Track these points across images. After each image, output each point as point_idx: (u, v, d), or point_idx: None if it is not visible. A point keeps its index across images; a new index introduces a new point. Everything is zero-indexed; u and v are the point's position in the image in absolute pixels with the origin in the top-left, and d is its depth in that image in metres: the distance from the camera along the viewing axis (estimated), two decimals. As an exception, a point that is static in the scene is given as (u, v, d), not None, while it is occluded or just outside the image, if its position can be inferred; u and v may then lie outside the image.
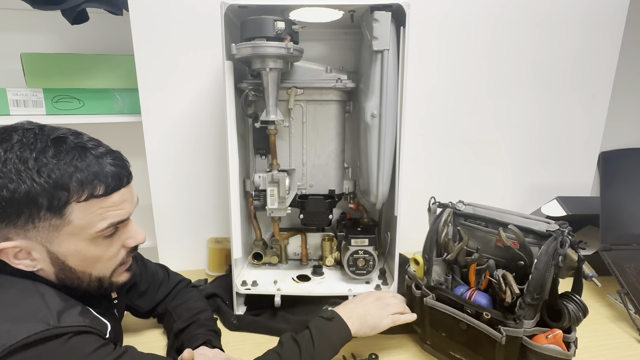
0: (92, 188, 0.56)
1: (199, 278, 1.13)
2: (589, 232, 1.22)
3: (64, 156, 0.54)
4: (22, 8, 1.09)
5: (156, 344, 0.87)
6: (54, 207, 0.54)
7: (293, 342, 0.72)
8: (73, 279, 0.60)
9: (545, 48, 1.23)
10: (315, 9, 0.90)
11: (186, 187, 1.17)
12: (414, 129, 1.18)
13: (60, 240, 0.56)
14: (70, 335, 0.52)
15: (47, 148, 0.54)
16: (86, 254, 0.59)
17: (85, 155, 0.56)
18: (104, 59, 1.16)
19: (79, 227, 0.56)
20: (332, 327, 0.75)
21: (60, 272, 0.59)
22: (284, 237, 1.09)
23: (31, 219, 0.54)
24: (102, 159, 0.58)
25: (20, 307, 0.53)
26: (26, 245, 0.55)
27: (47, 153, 0.54)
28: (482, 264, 0.79)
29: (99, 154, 0.58)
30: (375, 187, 0.94)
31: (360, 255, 0.98)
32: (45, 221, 0.54)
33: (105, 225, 0.58)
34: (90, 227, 0.57)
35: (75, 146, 0.56)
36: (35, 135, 0.55)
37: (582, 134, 1.33)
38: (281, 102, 0.97)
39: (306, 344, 0.71)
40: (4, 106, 1.10)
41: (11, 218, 0.53)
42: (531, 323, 0.69)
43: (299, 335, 0.73)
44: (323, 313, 0.78)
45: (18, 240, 0.55)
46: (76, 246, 0.57)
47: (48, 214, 0.54)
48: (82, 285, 0.62)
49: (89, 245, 0.58)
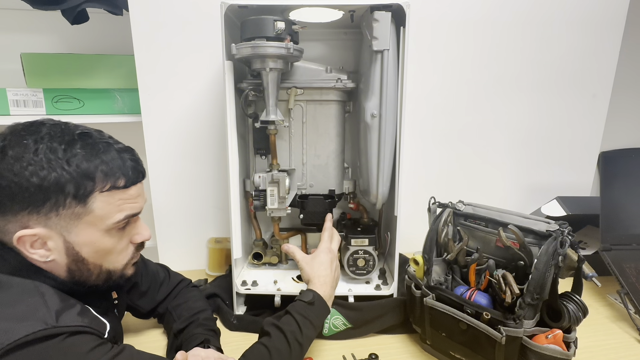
0: (115, 180, 0.60)
1: (199, 278, 1.13)
2: (589, 232, 1.22)
3: (90, 149, 0.58)
4: (22, 8, 1.09)
5: (156, 344, 0.87)
6: (80, 195, 0.57)
7: (278, 331, 0.71)
8: (83, 270, 0.62)
9: (546, 48, 1.23)
10: (315, 9, 0.90)
11: (186, 187, 1.17)
12: (414, 129, 1.18)
13: (78, 230, 0.59)
14: (66, 335, 0.52)
15: (75, 141, 0.58)
16: (100, 245, 0.61)
17: (109, 150, 0.60)
18: (104, 59, 1.16)
19: (98, 217, 0.59)
20: (315, 311, 0.76)
21: (73, 264, 0.61)
22: (284, 237, 1.09)
23: (56, 206, 0.56)
24: (123, 154, 0.62)
25: (19, 307, 0.53)
26: (44, 234, 0.57)
27: (75, 145, 0.57)
28: (482, 264, 0.79)
29: (120, 149, 0.62)
30: (375, 187, 0.94)
31: (360, 255, 0.98)
32: (69, 209, 0.57)
33: (121, 216, 0.61)
34: (108, 218, 0.60)
35: (99, 141, 0.60)
36: (62, 129, 0.59)
37: (582, 134, 1.33)
38: (281, 102, 0.97)
39: (293, 332, 0.71)
40: (4, 106, 1.10)
41: (36, 204, 0.55)
42: (531, 323, 0.69)
43: (282, 322, 0.72)
44: (303, 296, 0.77)
45: (37, 228, 0.57)
46: (92, 236, 0.60)
47: (73, 201, 0.57)
48: (90, 279, 0.63)
49: (103, 236, 0.61)
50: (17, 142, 0.56)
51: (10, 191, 0.55)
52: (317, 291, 0.79)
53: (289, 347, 0.70)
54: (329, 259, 0.85)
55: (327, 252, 0.87)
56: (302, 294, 0.79)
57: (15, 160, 0.54)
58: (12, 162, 0.54)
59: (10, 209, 0.56)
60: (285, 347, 0.70)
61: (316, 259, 0.85)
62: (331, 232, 0.92)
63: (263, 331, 0.74)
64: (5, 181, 0.54)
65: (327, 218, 0.96)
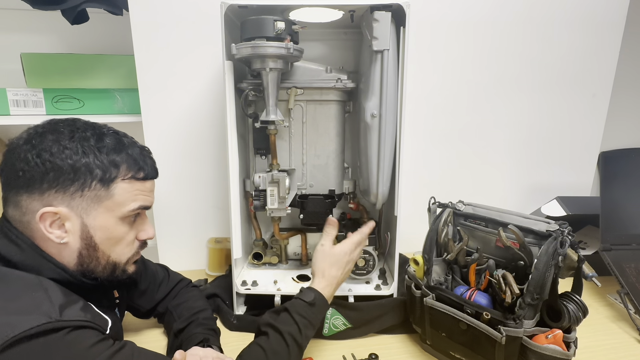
0: (136, 171, 0.66)
1: (199, 278, 1.13)
2: (589, 232, 1.22)
3: (117, 142, 0.66)
4: (22, 8, 1.09)
5: (156, 344, 0.87)
6: (105, 180, 0.63)
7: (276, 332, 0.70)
8: (93, 258, 0.65)
9: (546, 48, 1.23)
10: (315, 9, 0.90)
11: (186, 187, 1.17)
12: (414, 129, 1.18)
13: (97, 213, 0.63)
14: (70, 329, 0.53)
15: (104, 134, 0.65)
16: (112, 232, 0.66)
17: (134, 146, 0.68)
18: (104, 59, 1.16)
19: (117, 203, 0.65)
20: (315, 311, 0.75)
21: (84, 249, 0.64)
22: (284, 237, 1.09)
23: (82, 187, 0.61)
24: (144, 152, 0.70)
25: (23, 300, 0.54)
26: (65, 214, 0.61)
27: (105, 138, 0.65)
28: (482, 264, 0.79)
29: (141, 147, 0.70)
30: (375, 187, 0.94)
31: (360, 255, 0.98)
32: (93, 191, 0.62)
33: (136, 206, 0.67)
34: (125, 205, 0.65)
35: (125, 138, 0.68)
36: (94, 125, 0.66)
37: (582, 134, 1.33)
38: (281, 102, 0.97)
39: (291, 333, 0.70)
40: (4, 106, 1.10)
41: (65, 184, 0.61)
42: (531, 323, 0.69)
43: (280, 322, 0.72)
44: (304, 295, 0.76)
45: (61, 207, 0.61)
46: (107, 222, 0.65)
47: (99, 184, 0.62)
48: (97, 269, 0.66)
49: (117, 224, 0.66)
50: (55, 129, 0.62)
51: (44, 169, 0.59)
52: (320, 291, 0.77)
53: (287, 348, 0.69)
54: (345, 260, 0.83)
55: (348, 252, 0.84)
56: (302, 292, 0.77)
57: (53, 143, 0.60)
58: (50, 145, 0.60)
59: (39, 187, 0.60)
60: (284, 349, 0.69)
61: (335, 255, 0.83)
62: (362, 239, 0.88)
63: (260, 331, 0.73)
64: (42, 160, 0.59)
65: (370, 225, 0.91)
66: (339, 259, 0.83)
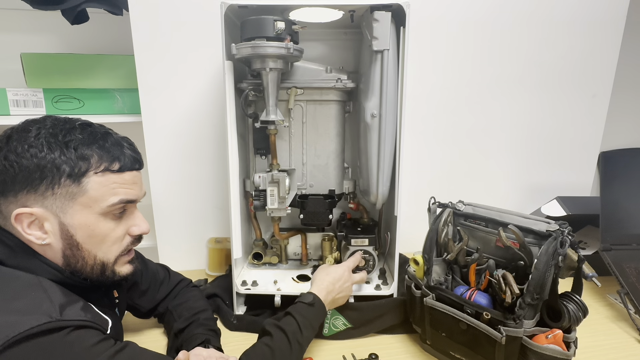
0: (110, 162, 0.62)
1: (199, 278, 1.13)
2: (589, 232, 1.22)
3: (88, 135, 0.62)
4: (22, 8, 1.09)
5: (156, 344, 0.87)
6: (74, 175, 0.60)
7: (280, 331, 0.73)
8: (78, 258, 0.63)
9: (546, 48, 1.23)
10: (315, 9, 0.90)
11: (186, 187, 1.17)
12: (414, 129, 1.18)
13: (73, 211, 0.61)
14: (71, 329, 0.53)
15: (75, 128, 0.62)
16: (94, 229, 0.63)
17: (107, 137, 0.64)
18: (104, 59, 1.16)
19: (93, 199, 0.61)
20: (315, 312, 0.80)
21: (67, 249, 0.62)
22: (284, 237, 1.09)
23: (52, 184, 0.59)
24: (121, 142, 0.66)
25: (24, 300, 0.54)
26: (41, 214, 0.59)
27: (75, 131, 0.61)
28: (482, 264, 0.79)
29: (118, 138, 0.66)
30: (375, 187, 0.94)
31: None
32: (64, 188, 0.59)
33: (115, 200, 0.63)
34: (102, 200, 0.62)
35: (99, 130, 0.64)
36: (65, 120, 0.63)
37: (582, 134, 1.33)
38: (281, 102, 0.97)
39: (294, 332, 0.74)
40: (4, 106, 1.10)
41: (34, 184, 0.58)
42: (531, 323, 0.69)
43: (283, 323, 0.75)
44: (304, 298, 0.81)
45: (35, 207, 0.59)
46: (87, 219, 0.62)
47: (68, 180, 0.59)
48: (85, 269, 0.64)
49: (98, 220, 0.63)
50: (23, 129, 0.61)
51: (13, 171, 0.58)
52: (316, 294, 0.82)
53: (290, 347, 0.72)
54: (338, 275, 0.89)
55: (341, 270, 0.91)
56: (302, 296, 0.82)
57: (18, 143, 0.59)
58: (15, 145, 0.59)
59: (12, 190, 0.59)
60: (287, 347, 0.72)
61: (330, 269, 0.91)
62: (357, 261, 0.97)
63: (264, 331, 0.75)
64: (9, 162, 0.58)
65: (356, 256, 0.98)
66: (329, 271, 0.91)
